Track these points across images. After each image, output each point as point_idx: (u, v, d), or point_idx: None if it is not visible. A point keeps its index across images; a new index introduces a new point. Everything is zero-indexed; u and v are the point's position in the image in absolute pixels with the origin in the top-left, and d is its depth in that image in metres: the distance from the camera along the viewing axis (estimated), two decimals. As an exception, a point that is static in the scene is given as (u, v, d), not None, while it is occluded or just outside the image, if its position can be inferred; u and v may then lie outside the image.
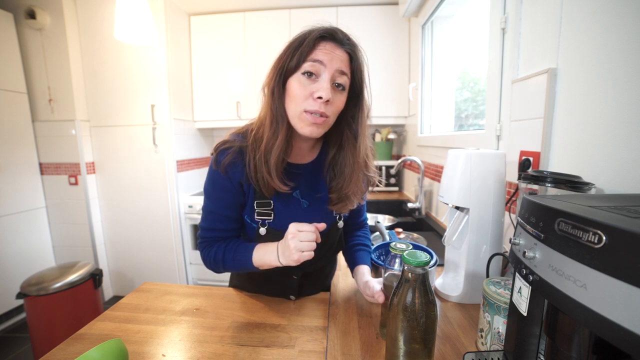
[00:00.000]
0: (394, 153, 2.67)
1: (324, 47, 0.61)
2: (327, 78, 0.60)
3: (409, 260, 0.47)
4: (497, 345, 0.55)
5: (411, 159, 1.73)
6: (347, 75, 0.63)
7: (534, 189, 0.64)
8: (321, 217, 0.74)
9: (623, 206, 0.34)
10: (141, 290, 0.84)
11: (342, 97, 0.65)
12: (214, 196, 0.72)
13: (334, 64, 0.61)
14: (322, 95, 0.59)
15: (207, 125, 2.53)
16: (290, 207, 0.73)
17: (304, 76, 0.61)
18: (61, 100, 2.20)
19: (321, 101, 0.60)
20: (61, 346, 0.61)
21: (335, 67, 0.61)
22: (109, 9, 2.08)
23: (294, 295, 0.81)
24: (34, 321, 1.67)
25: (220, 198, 0.71)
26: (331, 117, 0.64)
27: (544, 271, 0.35)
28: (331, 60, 0.60)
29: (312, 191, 0.75)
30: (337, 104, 0.64)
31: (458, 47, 1.83)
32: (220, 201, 0.71)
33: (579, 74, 0.66)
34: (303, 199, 0.74)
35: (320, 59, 0.60)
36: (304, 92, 0.61)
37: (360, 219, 0.91)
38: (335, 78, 0.62)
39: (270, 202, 0.71)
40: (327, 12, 2.33)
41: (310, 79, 0.61)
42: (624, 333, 0.25)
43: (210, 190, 0.71)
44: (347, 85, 0.65)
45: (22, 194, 2.18)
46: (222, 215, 0.73)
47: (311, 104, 0.61)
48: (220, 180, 0.69)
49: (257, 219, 0.72)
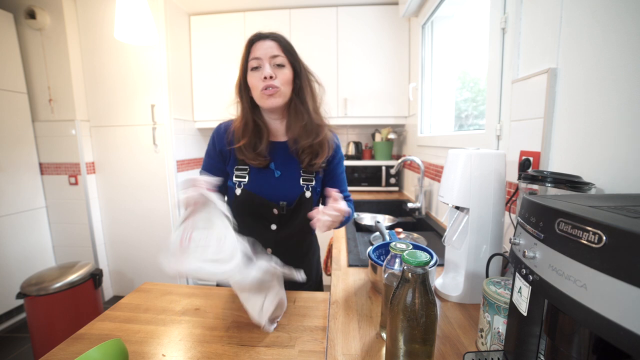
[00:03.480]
0: (394, 153, 2.67)
1: (255, 46, 0.83)
2: (266, 64, 0.81)
3: (409, 260, 0.47)
4: (497, 345, 0.55)
5: (411, 158, 1.73)
6: (280, 55, 0.83)
7: (534, 189, 0.64)
8: (289, 187, 0.89)
9: (623, 206, 0.34)
10: (141, 290, 0.84)
11: (285, 70, 0.83)
12: (206, 154, 0.94)
13: (267, 53, 0.81)
14: (265, 74, 0.80)
15: (207, 125, 2.53)
16: (263, 174, 0.89)
17: (253, 71, 0.83)
18: (61, 100, 2.20)
19: (267, 80, 0.80)
20: (61, 346, 0.61)
21: (268, 55, 0.81)
22: (109, 9, 2.08)
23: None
24: (33, 321, 1.67)
25: (207, 155, 0.94)
26: (282, 88, 0.83)
27: (544, 271, 0.35)
28: (264, 53, 0.81)
29: (285, 164, 0.91)
30: (282, 77, 0.83)
31: (458, 47, 1.83)
32: (206, 158, 0.94)
33: (579, 74, 0.66)
34: (277, 170, 0.90)
35: (257, 55, 0.81)
36: (256, 80, 0.82)
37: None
38: (272, 61, 0.82)
39: (247, 167, 0.89)
40: (327, 12, 2.33)
41: (258, 70, 0.82)
42: (624, 333, 0.25)
43: (205, 151, 0.95)
44: (286, 63, 0.84)
45: (22, 194, 2.18)
46: (204, 168, 0.93)
47: (262, 84, 0.81)
48: (210, 146, 0.93)
49: (235, 180, 0.89)
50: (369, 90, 2.37)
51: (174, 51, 2.25)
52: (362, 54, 2.34)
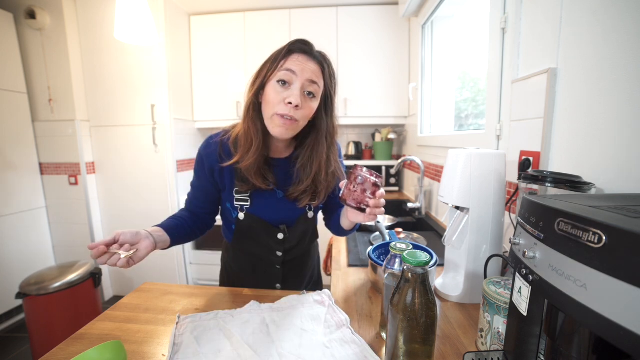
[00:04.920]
0: (394, 153, 2.67)
1: (296, 58, 0.68)
2: (299, 86, 0.67)
3: (409, 260, 0.47)
4: (497, 345, 0.55)
5: (411, 158, 1.73)
6: (317, 84, 0.70)
7: (534, 189, 0.64)
8: (291, 208, 0.82)
9: (623, 206, 0.34)
10: (141, 290, 0.84)
11: (312, 104, 0.71)
12: (194, 173, 0.84)
13: (305, 74, 0.68)
14: (292, 101, 0.66)
15: (207, 125, 2.53)
16: (266, 196, 0.80)
17: (279, 84, 0.68)
18: (61, 100, 2.20)
19: (291, 106, 0.67)
20: (61, 346, 0.61)
21: (306, 77, 0.68)
22: (109, 9, 2.08)
23: (280, 284, 0.90)
24: (33, 321, 1.67)
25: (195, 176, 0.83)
26: (301, 122, 0.71)
27: (544, 271, 0.35)
28: (302, 71, 0.67)
29: (287, 183, 0.81)
30: (307, 110, 0.70)
31: (458, 47, 1.83)
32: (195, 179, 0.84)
33: (579, 74, 0.66)
34: (279, 190, 0.81)
35: (293, 69, 0.67)
36: (277, 98, 0.68)
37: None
38: (306, 87, 0.69)
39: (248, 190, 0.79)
40: (327, 12, 2.33)
41: (284, 87, 0.68)
42: (624, 333, 0.25)
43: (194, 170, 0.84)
44: (318, 94, 0.72)
45: (22, 194, 2.18)
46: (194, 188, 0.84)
47: (282, 108, 0.68)
48: (197, 165, 0.82)
49: (237, 204, 0.81)
50: (369, 90, 2.37)
51: (174, 51, 2.25)
52: (362, 54, 2.34)
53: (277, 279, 0.90)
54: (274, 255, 0.86)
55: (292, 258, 0.90)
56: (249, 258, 0.90)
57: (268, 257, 0.87)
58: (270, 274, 0.89)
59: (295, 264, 0.92)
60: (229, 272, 0.96)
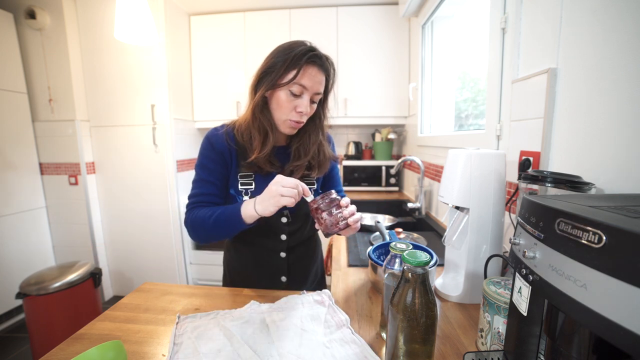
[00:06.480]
0: (394, 153, 2.67)
1: (310, 73, 0.76)
2: (308, 98, 0.78)
3: (409, 260, 0.47)
4: (497, 345, 0.55)
5: (411, 158, 1.73)
6: (321, 94, 0.81)
7: (534, 189, 0.64)
8: None
9: (623, 206, 0.34)
10: (141, 290, 0.84)
11: (315, 106, 0.83)
12: (201, 165, 0.85)
13: (314, 88, 0.78)
14: (303, 110, 0.78)
15: (207, 125, 2.53)
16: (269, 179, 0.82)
17: (290, 92, 0.77)
18: (61, 100, 2.20)
19: (301, 114, 0.79)
20: (61, 346, 0.61)
21: (314, 91, 0.78)
22: (109, 9, 2.08)
23: (285, 277, 0.90)
24: (33, 321, 1.67)
25: (206, 166, 0.85)
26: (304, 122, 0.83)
27: (544, 271, 0.35)
28: (312, 86, 0.77)
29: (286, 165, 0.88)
30: (311, 112, 0.82)
31: (458, 47, 1.83)
32: (206, 169, 0.85)
33: (579, 74, 0.66)
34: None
35: (305, 85, 0.76)
36: (289, 106, 0.78)
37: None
38: (313, 98, 0.80)
39: (252, 174, 0.85)
40: (327, 12, 2.32)
41: (295, 97, 0.78)
42: (624, 333, 0.25)
43: (199, 163, 0.86)
44: (319, 99, 0.83)
45: (22, 194, 2.18)
46: (207, 181, 0.85)
47: (294, 115, 0.79)
48: (207, 151, 0.85)
49: (241, 189, 0.85)
50: (369, 90, 2.37)
51: (174, 51, 2.25)
52: (362, 54, 2.34)
53: (282, 270, 0.90)
54: (279, 240, 0.88)
55: (296, 244, 0.91)
56: (252, 250, 0.90)
57: (273, 243, 0.88)
58: (274, 265, 0.90)
59: (300, 252, 0.93)
60: (232, 272, 0.96)
